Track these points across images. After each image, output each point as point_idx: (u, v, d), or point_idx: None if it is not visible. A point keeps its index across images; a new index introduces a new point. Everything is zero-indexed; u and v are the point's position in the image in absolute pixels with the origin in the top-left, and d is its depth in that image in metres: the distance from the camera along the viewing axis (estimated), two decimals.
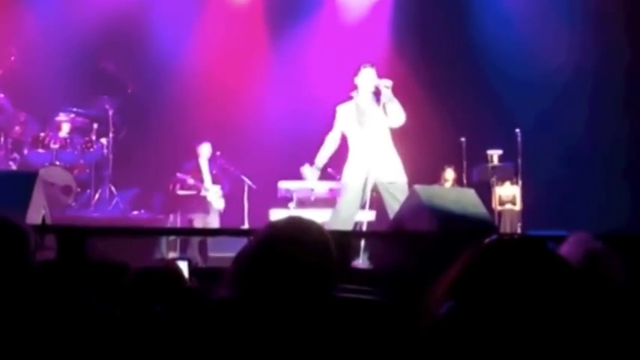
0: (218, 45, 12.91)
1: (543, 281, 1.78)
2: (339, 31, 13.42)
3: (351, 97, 8.59)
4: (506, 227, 11.60)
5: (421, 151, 12.51)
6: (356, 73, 8.57)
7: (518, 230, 11.48)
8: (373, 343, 2.36)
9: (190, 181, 10.95)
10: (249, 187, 11.59)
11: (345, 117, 8.56)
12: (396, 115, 8.49)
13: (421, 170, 11.70)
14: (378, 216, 11.25)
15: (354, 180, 8.29)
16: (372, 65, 8.62)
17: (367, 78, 8.46)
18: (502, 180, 11.90)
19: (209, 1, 13.37)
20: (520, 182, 11.76)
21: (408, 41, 13.17)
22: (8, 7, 12.20)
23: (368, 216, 11.38)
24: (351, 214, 8.35)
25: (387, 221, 7.99)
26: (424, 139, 12.70)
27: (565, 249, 3.29)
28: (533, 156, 11.67)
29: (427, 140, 12.63)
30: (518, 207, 11.84)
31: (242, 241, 2.56)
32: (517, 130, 11.53)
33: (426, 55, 13.03)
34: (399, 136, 12.92)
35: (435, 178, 11.74)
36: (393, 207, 8.05)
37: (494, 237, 1.96)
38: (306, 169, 9.20)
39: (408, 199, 7.20)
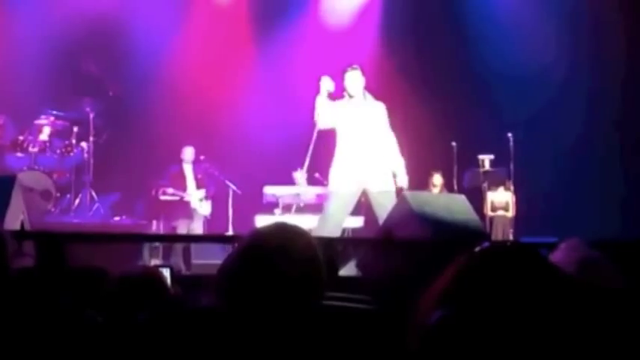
0: (202, 47, 12.91)
1: (536, 290, 1.78)
2: (325, 32, 13.45)
3: (343, 96, 8.47)
4: (497, 234, 11.63)
5: (410, 155, 12.52)
6: (342, 76, 8.47)
7: (511, 237, 11.51)
8: (362, 354, 2.35)
9: (170, 190, 10.94)
10: (234, 193, 11.58)
11: (339, 112, 8.33)
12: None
13: (410, 176, 11.72)
14: (366, 222, 11.27)
15: (344, 186, 8.24)
16: (356, 67, 8.50)
17: (356, 80, 8.32)
18: (494, 185, 11.93)
19: (192, 3, 13.37)
20: (512, 188, 11.79)
21: (397, 43, 13.20)
22: None
23: (354, 222, 11.41)
24: (339, 221, 8.30)
25: (375, 227, 7.99)
26: (413, 143, 12.69)
27: (557, 256, 3.30)
28: (526, 161, 11.71)
29: (416, 144, 12.63)
30: (510, 213, 11.88)
31: (227, 248, 2.55)
32: (509, 135, 11.57)
33: (415, 57, 13.05)
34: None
35: (425, 184, 11.76)
36: (382, 216, 8.02)
37: (485, 244, 1.96)
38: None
39: (397, 205, 7.19)
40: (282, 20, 13.13)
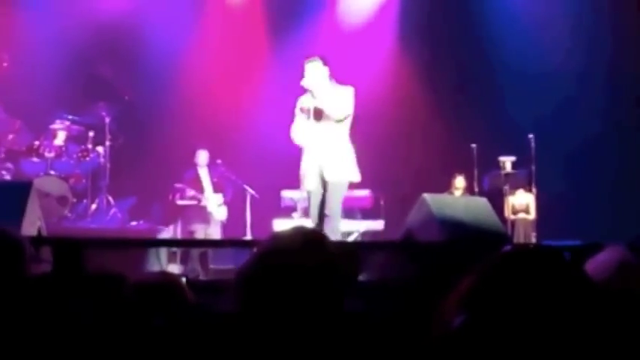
0: (216, 50, 12.95)
1: (560, 294, 1.77)
2: (342, 32, 13.43)
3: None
4: (519, 237, 11.57)
5: (430, 158, 12.52)
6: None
7: (533, 240, 11.45)
8: (382, 359, 2.35)
9: (190, 192, 10.95)
10: (252, 197, 11.57)
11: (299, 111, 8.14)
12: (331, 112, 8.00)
13: (430, 178, 11.71)
14: (386, 225, 11.27)
15: (309, 184, 8.10)
16: (315, 58, 8.19)
17: (310, 72, 8.07)
18: (515, 188, 11.88)
19: (206, 6, 13.40)
20: (534, 190, 11.73)
21: (415, 44, 13.18)
22: (0, 13, 12.23)
23: (375, 225, 11.42)
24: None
25: (396, 231, 7.97)
26: (433, 145, 12.71)
27: (599, 260, 3.27)
28: (548, 163, 11.64)
29: (436, 147, 12.63)
30: (532, 216, 11.83)
31: (244, 253, 2.55)
32: (530, 136, 11.51)
33: (434, 58, 13.03)
34: (407, 142, 12.98)
35: (445, 187, 11.73)
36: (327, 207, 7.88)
37: (507, 247, 1.96)
38: None
39: (417, 208, 7.18)
40: (297, 21, 13.13)
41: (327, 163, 7.84)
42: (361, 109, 12.45)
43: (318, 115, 7.95)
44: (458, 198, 10.99)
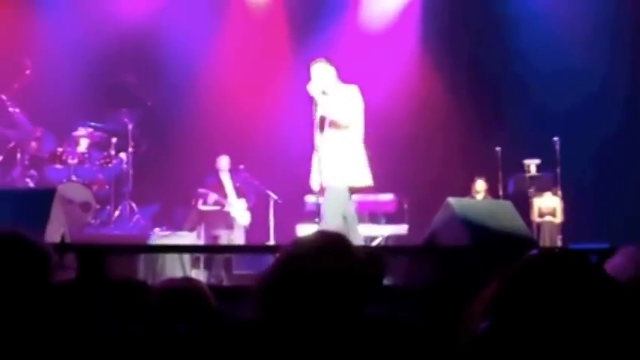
0: (238, 54, 12.97)
1: (587, 298, 1.76)
2: (365, 36, 13.43)
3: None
4: (545, 240, 11.53)
5: (454, 161, 12.49)
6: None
7: (559, 244, 11.40)
8: None
9: (213, 197, 10.97)
10: (275, 202, 11.58)
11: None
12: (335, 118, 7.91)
13: (454, 182, 11.67)
14: (410, 230, 11.24)
15: (314, 185, 8.07)
16: (320, 60, 8.18)
17: (316, 74, 8.04)
18: (541, 191, 11.84)
19: (228, 10, 13.42)
20: (560, 193, 11.68)
21: (436, 45, 13.17)
22: (23, 19, 12.32)
23: (398, 230, 11.40)
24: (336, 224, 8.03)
25: (420, 235, 7.94)
26: (457, 149, 12.67)
27: (615, 262, 3.26)
28: (573, 165, 11.59)
29: (459, 150, 12.60)
30: (558, 219, 11.78)
31: (268, 258, 2.55)
32: (555, 139, 11.47)
33: (456, 60, 13.01)
34: (431, 146, 12.95)
35: (468, 190, 11.71)
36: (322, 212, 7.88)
37: (533, 251, 1.95)
38: None
39: (441, 212, 7.16)
40: (318, 24, 13.13)
41: (324, 168, 7.81)
42: (384, 112, 12.50)
43: (322, 123, 7.91)
44: (482, 201, 10.97)
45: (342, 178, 7.85)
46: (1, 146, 10.97)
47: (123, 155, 11.13)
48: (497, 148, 11.72)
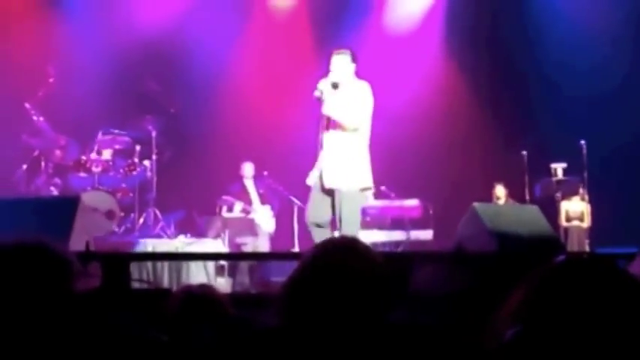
0: (262, 60, 13.00)
1: (616, 303, 1.74)
2: (389, 39, 13.41)
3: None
4: (573, 245, 11.47)
5: (479, 165, 12.46)
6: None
7: (587, 248, 11.34)
8: None
9: (239, 204, 11.00)
10: (299, 208, 11.58)
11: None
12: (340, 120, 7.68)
13: (480, 187, 11.64)
14: (435, 235, 11.22)
15: (310, 180, 7.91)
16: (344, 51, 7.92)
17: (337, 65, 7.79)
18: (568, 195, 11.78)
19: (251, 17, 13.46)
20: (587, 197, 11.62)
21: (461, 47, 13.14)
22: (46, 27, 12.41)
23: (424, 235, 11.37)
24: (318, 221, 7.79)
25: (445, 241, 7.92)
26: (482, 153, 12.64)
27: (636, 267, 3.24)
28: (600, 169, 11.52)
29: (486, 154, 12.56)
30: (586, 223, 11.72)
31: (293, 265, 2.55)
32: (582, 142, 11.39)
33: (481, 62, 12.97)
34: (456, 151, 12.91)
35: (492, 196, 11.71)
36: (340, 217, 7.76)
37: (561, 257, 1.94)
38: None
39: (467, 218, 7.13)
40: (342, 29, 13.13)
41: (328, 169, 7.65)
42: (408, 116, 12.49)
43: (328, 122, 7.74)
44: (509, 206, 10.93)
45: (349, 180, 7.64)
46: (26, 155, 11.05)
47: (147, 163, 11.16)
48: (524, 152, 11.66)
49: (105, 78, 12.16)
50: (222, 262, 9.41)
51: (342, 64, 7.80)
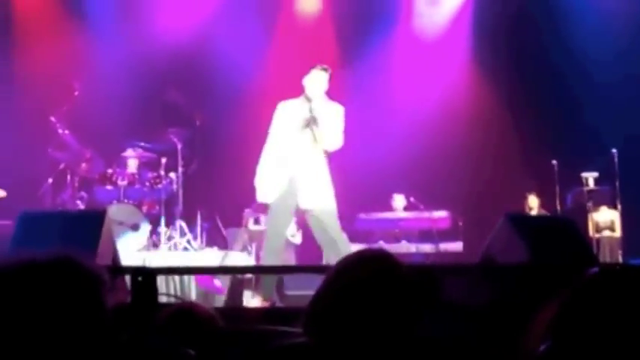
0: (287, 70, 13.02)
1: None
2: (415, 45, 13.41)
3: (298, 96, 8.08)
4: (605, 256, 11.40)
5: (509, 175, 12.40)
6: (308, 71, 8.02)
7: (619, 259, 11.26)
8: None
9: (264, 217, 11.00)
10: None
11: (287, 118, 8.08)
12: (325, 140, 7.91)
13: (510, 197, 11.60)
14: (465, 247, 11.18)
15: (277, 200, 7.93)
16: (327, 68, 8.04)
17: (318, 82, 7.93)
18: (599, 205, 11.71)
19: (276, 26, 13.49)
20: (619, 207, 11.54)
21: (491, 55, 13.09)
22: (70, 41, 12.52)
23: (453, 247, 11.33)
24: (279, 244, 8.06)
25: (476, 253, 7.88)
26: (511, 162, 12.58)
27: None
28: (632, 178, 11.44)
29: (515, 164, 12.50)
30: (617, 233, 11.64)
31: (321, 278, 2.55)
32: (613, 151, 11.34)
33: (510, 70, 12.93)
34: (484, 160, 12.87)
35: (523, 206, 11.65)
36: (315, 234, 7.79)
37: (594, 268, 1.93)
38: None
39: (498, 229, 7.10)
40: (368, 37, 13.16)
41: (310, 189, 7.81)
42: (436, 127, 12.47)
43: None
44: (541, 217, 10.87)
45: (331, 200, 7.92)
46: (52, 168, 11.16)
47: (173, 175, 11.21)
48: (554, 162, 11.62)
49: (130, 90, 12.25)
50: (249, 275, 9.42)
51: (323, 80, 7.97)
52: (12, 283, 1.94)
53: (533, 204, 11.80)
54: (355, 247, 10.41)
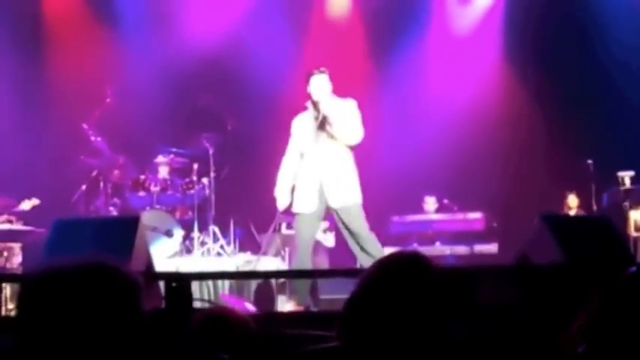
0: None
1: None
2: (447, 45, 13.37)
3: (306, 108, 8.26)
4: None
5: (544, 175, 12.32)
6: (307, 80, 8.19)
7: None
8: None
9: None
10: None
11: (301, 131, 8.27)
12: (343, 136, 8.03)
13: (545, 197, 11.52)
14: (501, 248, 11.13)
15: (305, 207, 8.06)
16: (324, 70, 8.22)
17: (319, 85, 8.12)
18: (636, 204, 11.60)
19: (308, 29, 13.50)
20: None
21: (523, 53, 13.03)
22: (102, 47, 12.61)
23: (489, 248, 11.28)
24: (308, 249, 8.23)
25: (511, 254, 7.84)
26: (546, 162, 12.50)
27: None
28: None
29: (550, 164, 12.42)
30: None
31: (355, 281, 2.56)
32: None
33: (543, 68, 12.86)
34: (519, 161, 12.80)
35: (559, 206, 11.56)
36: (344, 235, 7.89)
37: (632, 269, 1.93)
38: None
39: (534, 230, 7.05)
40: (400, 36, 13.14)
41: (334, 186, 7.95)
42: (468, 126, 12.41)
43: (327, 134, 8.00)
44: (578, 217, 10.79)
45: (357, 194, 8.08)
46: (85, 175, 11.25)
47: (205, 180, 11.25)
48: (589, 161, 11.54)
49: (160, 96, 12.32)
50: (283, 280, 9.44)
51: (324, 83, 8.15)
52: (52, 290, 1.96)
53: (573, 204, 11.72)
54: (389, 250, 10.42)
